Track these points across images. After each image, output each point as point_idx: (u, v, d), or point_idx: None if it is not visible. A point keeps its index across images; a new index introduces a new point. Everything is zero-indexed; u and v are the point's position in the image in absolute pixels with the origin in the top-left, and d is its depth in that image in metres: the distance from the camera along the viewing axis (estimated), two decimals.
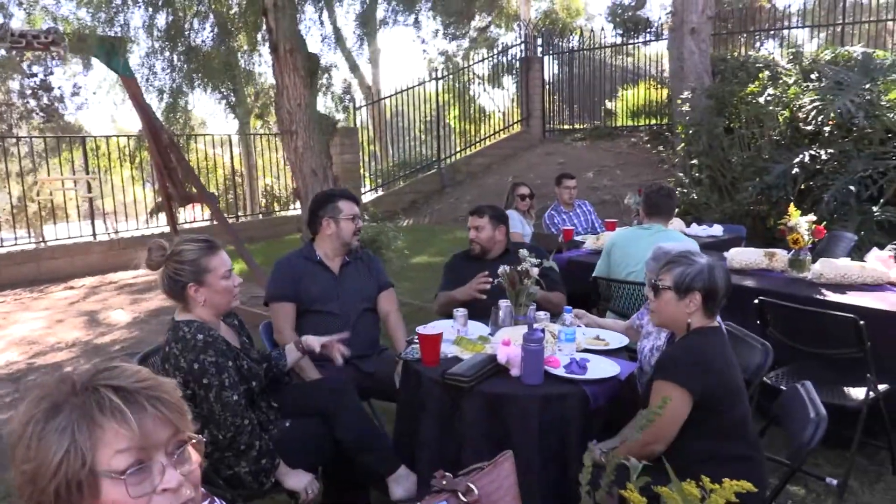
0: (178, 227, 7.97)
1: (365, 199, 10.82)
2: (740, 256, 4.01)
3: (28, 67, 13.84)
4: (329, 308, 3.12)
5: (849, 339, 2.91)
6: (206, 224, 10.42)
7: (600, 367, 2.48)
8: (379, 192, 11.86)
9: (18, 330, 6.27)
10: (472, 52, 16.67)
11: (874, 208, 5.87)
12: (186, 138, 10.01)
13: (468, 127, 13.61)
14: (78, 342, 5.84)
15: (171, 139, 7.12)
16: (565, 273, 3.75)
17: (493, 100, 15.34)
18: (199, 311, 2.32)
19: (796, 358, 3.27)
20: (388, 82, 16.04)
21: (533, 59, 13.01)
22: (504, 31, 17.52)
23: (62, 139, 12.32)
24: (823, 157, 6.24)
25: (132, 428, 0.95)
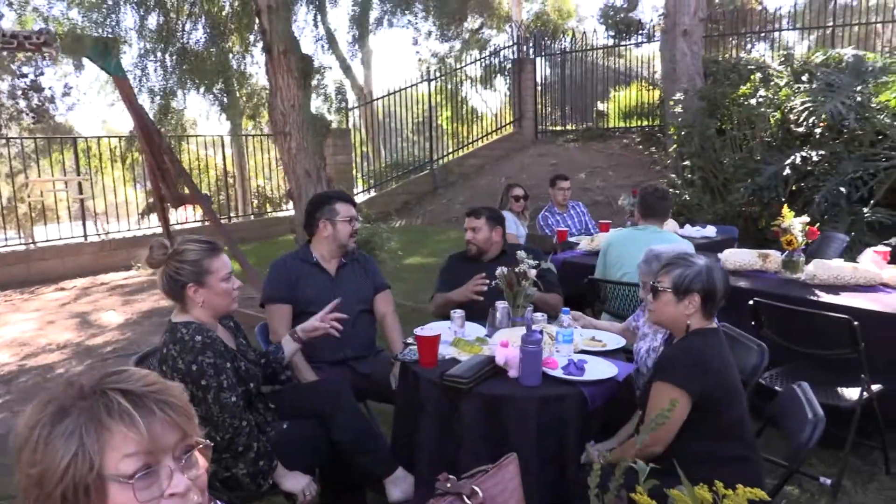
0: (170, 228, 7.93)
1: (357, 201, 10.78)
2: (734, 258, 4.03)
3: (18, 68, 13.71)
4: None
5: (843, 340, 2.93)
6: (198, 225, 10.38)
7: (598, 369, 2.49)
8: (371, 193, 11.87)
9: (9, 331, 6.22)
10: (465, 54, 16.69)
11: (864, 209, 5.92)
12: (178, 139, 9.97)
13: (460, 128, 13.62)
14: (69, 343, 5.80)
15: (164, 140, 7.08)
16: (560, 274, 3.77)
17: (486, 101, 15.38)
18: (196, 312, 2.31)
19: (790, 359, 3.29)
20: (379, 84, 15.99)
21: (525, 61, 13.02)
22: (496, 32, 17.56)
23: (53, 140, 12.25)
24: (814, 158, 6.28)
25: (141, 432, 0.94)
